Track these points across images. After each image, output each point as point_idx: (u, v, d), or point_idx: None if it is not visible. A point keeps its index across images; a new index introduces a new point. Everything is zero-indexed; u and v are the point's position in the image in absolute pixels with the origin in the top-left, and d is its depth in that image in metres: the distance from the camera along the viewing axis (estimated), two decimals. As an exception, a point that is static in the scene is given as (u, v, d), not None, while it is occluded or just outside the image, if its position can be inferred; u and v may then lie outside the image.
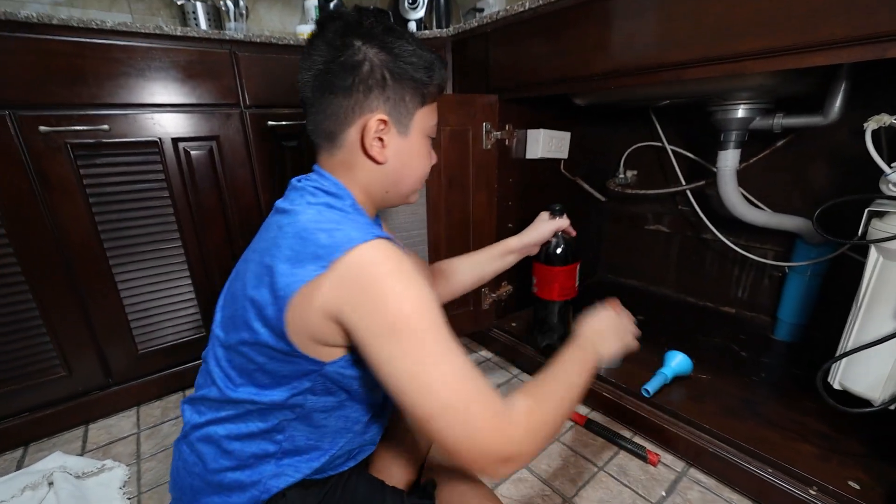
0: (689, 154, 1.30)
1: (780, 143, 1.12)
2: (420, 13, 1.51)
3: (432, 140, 0.62)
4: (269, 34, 1.09)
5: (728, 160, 1.05)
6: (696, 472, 0.86)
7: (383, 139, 0.55)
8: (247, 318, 0.50)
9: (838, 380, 0.77)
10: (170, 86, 0.98)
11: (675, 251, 1.47)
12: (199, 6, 1.33)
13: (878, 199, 0.72)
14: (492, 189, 1.18)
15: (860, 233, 0.75)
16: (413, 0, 1.50)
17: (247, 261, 0.54)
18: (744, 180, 1.15)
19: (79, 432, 1.03)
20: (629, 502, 0.80)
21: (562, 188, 1.41)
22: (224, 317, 0.55)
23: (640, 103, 1.30)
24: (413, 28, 1.55)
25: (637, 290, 1.58)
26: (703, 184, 1.26)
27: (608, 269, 1.70)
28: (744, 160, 1.11)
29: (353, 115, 0.54)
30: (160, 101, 0.97)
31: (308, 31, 1.35)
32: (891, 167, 0.67)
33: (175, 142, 1.01)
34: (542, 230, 0.90)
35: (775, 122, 0.99)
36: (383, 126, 0.54)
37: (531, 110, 1.21)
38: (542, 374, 0.54)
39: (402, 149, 0.57)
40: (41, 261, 0.91)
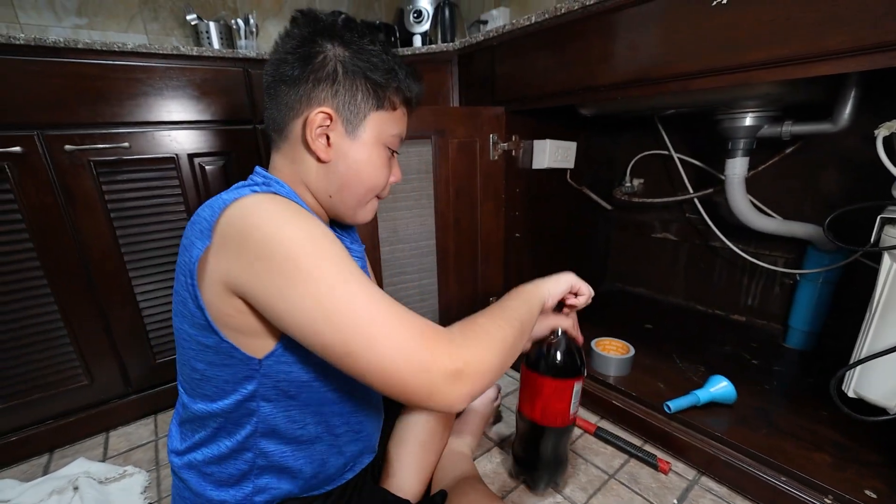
0: (697, 162, 1.30)
1: (789, 151, 1.11)
2: (425, 27, 1.54)
3: (394, 154, 0.60)
4: (281, 51, 1.12)
5: (736, 168, 1.05)
6: (707, 481, 0.86)
7: (329, 136, 0.53)
8: (180, 320, 0.49)
9: (853, 388, 0.76)
10: (186, 103, 1.01)
11: (684, 259, 1.47)
12: (211, 25, 1.38)
13: (891, 205, 0.72)
14: (499, 199, 1.20)
15: (873, 240, 0.74)
16: (418, 14, 1.52)
17: None
18: (753, 188, 1.15)
19: (100, 439, 1.06)
20: (640, 511, 0.80)
21: (568, 198, 1.42)
22: (175, 327, 0.53)
23: (646, 112, 1.30)
24: (418, 42, 1.57)
25: (645, 298, 1.58)
26: (711, 192, 1.26)
27: (615, 278, 1.70)
28: (752, 168, 1.11)
29: (299, 106, 0.52)
30: (177, 119, 1.01)
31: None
32: (901, 174, 0.67)
33: (191, 157, 1.04)
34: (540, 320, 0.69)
35: (784, 129, 1.00)
36: (328, 122, 0.52)
37: (537, 121, 1.22)
38: None
39: (351, 151, 0.55)
40: (65, 274, 0.95)
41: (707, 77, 0.75)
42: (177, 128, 1.02)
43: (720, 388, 0.92)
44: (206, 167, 1.07)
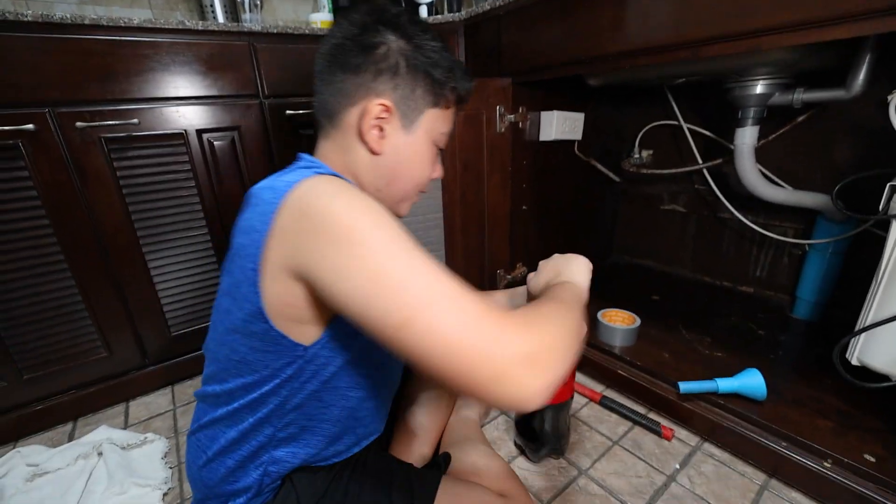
0: (706, 132, 1.28)
1: (800, 119, 1.09)
2: (432, -3, 1.50)
3: (441, 152, 0.59)
4: (283, 24, 1.11)
5: (746, 137, 1.03)
6: (710, 447, 0.88)
7: (384, 129, 0.53)
8: (229, 301, 0.49)
9: (856, 355, 0.77)
10: (193, 79, 1.01)
11: (692, 231, 1.46)
12: (216, -1, 1.36)
13: (900, 172, 0.71)
14: (506, 172, 1.19)
15: (881, 207, 0.74)
16: (425, -16, 1.49)
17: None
18: (763, 157, 1.14)
19: (120, 408, 1.10)
20: (643, 474, 0.82)
21: (576, 170, 1.41)
22: (216, 304, 0.54)
23: (655, 82, 1.28)
24: (424, 13, 1.54)
25: (652, 270, 1.58)
26: (720, 162, 1.24)
27: (623, 251, 1.70)
28: (762, 137, 1.09)
29: (356, 94, 0.52)
30: (184, 94, 1.01)
31: (321, 18, 1.36)
32: (913, 140, 0.66)
33: (199, 133, 1.05)
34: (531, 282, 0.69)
35: (795, 97, 0.97)
36: (386, 114, 0.52)
37: (544, 92, 1.21)
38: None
39: (403, 145, 0.54)
40: (81, 249, 0.97)
41: (719, 43, 0.74)
42: (185, 103, 1.02)
43: (746, 382, 0.85)
44: (215, 142, 1.07)
